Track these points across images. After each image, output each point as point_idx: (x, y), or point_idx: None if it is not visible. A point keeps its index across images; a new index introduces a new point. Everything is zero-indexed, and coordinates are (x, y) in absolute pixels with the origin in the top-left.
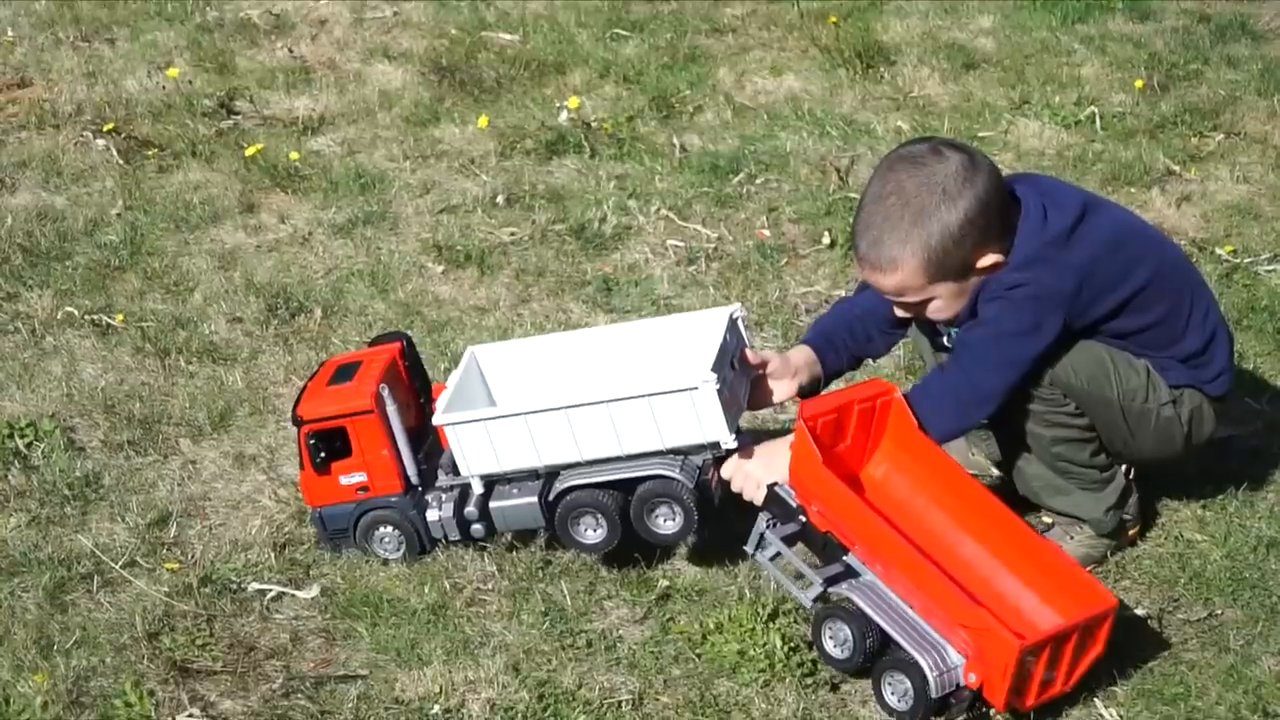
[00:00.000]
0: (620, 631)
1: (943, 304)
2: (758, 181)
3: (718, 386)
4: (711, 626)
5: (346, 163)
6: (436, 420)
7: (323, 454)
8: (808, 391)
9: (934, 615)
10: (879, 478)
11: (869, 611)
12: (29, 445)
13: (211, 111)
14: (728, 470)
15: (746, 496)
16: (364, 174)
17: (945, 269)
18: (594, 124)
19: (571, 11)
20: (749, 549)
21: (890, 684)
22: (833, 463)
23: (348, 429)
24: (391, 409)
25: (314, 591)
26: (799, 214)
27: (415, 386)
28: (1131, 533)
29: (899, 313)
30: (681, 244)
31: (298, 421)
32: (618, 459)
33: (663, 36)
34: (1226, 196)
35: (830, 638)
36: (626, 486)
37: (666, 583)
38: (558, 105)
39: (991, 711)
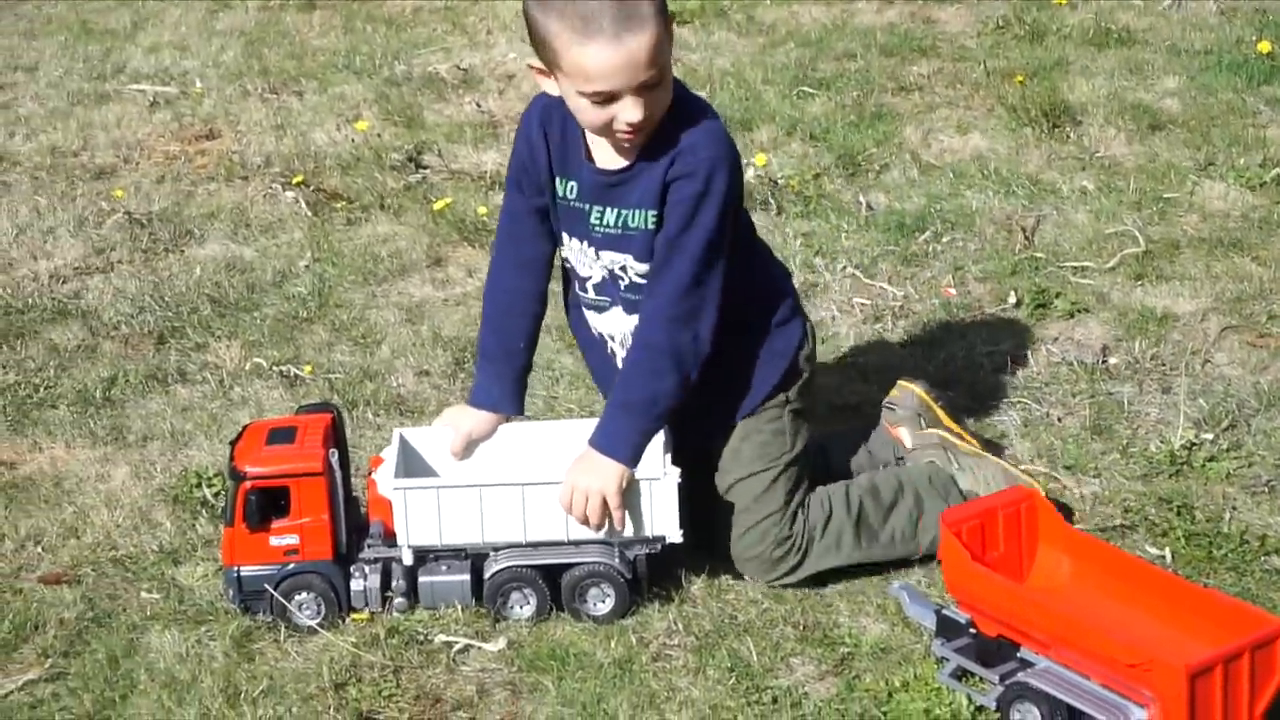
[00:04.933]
0: (806, 688)
1: (666, 90)
2: (944, 240)
3: (679, 480)
4: (897, 685)
5: None
6: (388, 489)
7: (260, 513)
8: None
9: (1112, 680)
10: (1043, 585)
11: (1050, 690)
12: (216, 495)
13: (400, 165)
14: (563, 496)
15: (591, 517)
16: None
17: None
18: (780, 181)
19: (759, 69)
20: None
21: None
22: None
23: (292, 489)
24: (337, 475)
25: (500, 644)
26: (984, 273)
27: (343, 458)
28: None
29: (633, 111)
30: (868, 302)
31: (238, 476)
32: (558, 544)
33: (849, 94)
34: None
35: None
36: (560, 568)
37: (852, 641)
38: (745, 162)
39: None
